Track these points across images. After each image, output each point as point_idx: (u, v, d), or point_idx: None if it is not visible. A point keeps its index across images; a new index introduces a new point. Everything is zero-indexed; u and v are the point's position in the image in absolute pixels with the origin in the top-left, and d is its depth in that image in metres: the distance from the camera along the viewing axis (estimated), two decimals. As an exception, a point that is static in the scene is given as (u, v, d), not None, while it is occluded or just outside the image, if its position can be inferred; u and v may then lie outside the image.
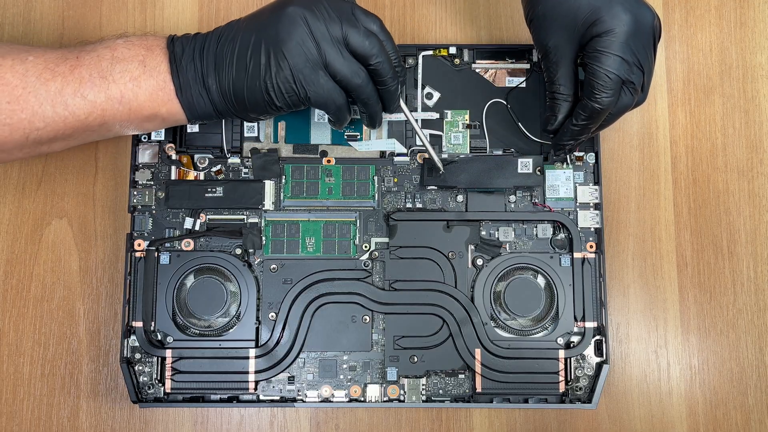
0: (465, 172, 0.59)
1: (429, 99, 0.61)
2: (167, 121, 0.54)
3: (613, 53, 0.51)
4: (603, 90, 0.52)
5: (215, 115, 0.54)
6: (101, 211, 0.62)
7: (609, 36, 0.51)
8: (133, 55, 0.52)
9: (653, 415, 0.61)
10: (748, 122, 0.64)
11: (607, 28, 0.51)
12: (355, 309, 0.58)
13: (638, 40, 0.51)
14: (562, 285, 0.58)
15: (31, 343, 0.61)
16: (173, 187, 0.59)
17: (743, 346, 0.62)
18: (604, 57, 0.51)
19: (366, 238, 0.59)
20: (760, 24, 0.66)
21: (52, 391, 0.60)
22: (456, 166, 0.59)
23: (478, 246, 0.59)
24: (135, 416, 0.60)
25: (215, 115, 0.54)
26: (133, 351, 0.58)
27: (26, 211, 0.62)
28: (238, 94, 0.52)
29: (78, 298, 0.61)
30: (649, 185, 0.64)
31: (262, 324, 0.58)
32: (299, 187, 0.60)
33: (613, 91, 0.52)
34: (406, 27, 0.65)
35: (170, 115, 0.53)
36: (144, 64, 0.52)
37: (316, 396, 0.58)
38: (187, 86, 0.52)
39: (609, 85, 0.51)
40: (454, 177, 0.59)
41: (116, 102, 0.52)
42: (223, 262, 0.58)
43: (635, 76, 0.52)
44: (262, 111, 0.53)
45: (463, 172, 0.59)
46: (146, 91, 0.52)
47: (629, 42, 0.51)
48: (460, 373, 0.58)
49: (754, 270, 0.62)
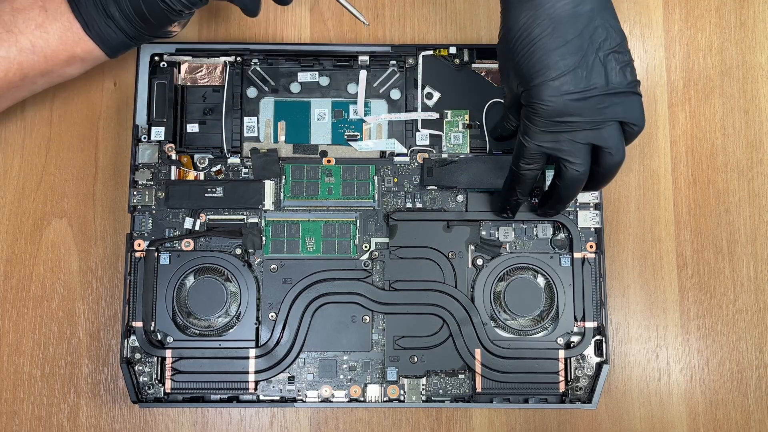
0: (465, 172, 0.59)
1: (429, 99, 0.61)
2: (87, 60, 0.55)
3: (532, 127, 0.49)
4: (522, 159, 0.50)
5: (130, 41, 0.54)
6: (101, 211, 0.62)
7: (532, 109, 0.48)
8: (31, 2, 0.52)
9: (653, 415, 0.61)
10: (748, 122, 0.64)
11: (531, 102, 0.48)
12: (355, 309, 0.58)
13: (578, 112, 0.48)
14: (562, 285, 0.58)
15: (31, 343, 0.61)
16: (173, 187, 0.59)
17: (743, 346, 0.62)
18: (525, 127, 0.49)
19: (366, 238, 0.59)
20: (760, 24, 0.66)
21: (52, 391, 0.60)
22: (456, 166, 0.59)
23: (478, 246, 0.59)
24: (135, 416, 0.60)
25: (130, 41, 0.54)
26: (133, 351, 0.57)
27: (26, 211, 0.62)
28: (138, 12, 0.52)
29: (78, 298, 0.61)
30: (649, 185, 0.64)
31: (262, 324, 0.58)
32: (299, 187, 0.60)
33: (533, 162, 0.50)
34: (406, 27, 0.65)
35: (87, 54, 0.54)
36: (45, 8, 0.52)
37: (316, 396, 0.58)
38: (92, 21, 0.52)
39: (527, 155, 0.50)
40: (454, 177, 0.59)
41: (29, 53, 0.52)
42: (223, 262, 0.58)
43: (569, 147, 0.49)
44: (167, 20, 0.53)
45: (463, 172, 0.59)
46: (55, 36, 0.52)
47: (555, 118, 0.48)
48: (460, 373, 0.58)
49: (754, 270, 0.62)
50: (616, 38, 0.48)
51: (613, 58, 0.48)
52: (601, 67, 0.48)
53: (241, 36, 0.65)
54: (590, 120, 0.48)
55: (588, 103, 0.47)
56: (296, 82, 0.61)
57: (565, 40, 0.47)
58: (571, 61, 0.47)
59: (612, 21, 0.49)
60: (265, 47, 0.61)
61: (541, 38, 0.47)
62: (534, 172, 0.51)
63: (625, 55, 0.49)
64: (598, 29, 0.48)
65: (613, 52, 0.48)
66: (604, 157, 0.50)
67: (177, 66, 0.60)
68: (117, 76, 0.64)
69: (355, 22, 0.65)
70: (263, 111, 0.61)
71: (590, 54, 0.47)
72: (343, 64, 0.61)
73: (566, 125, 0.48)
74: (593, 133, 0.49)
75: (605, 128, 0.49)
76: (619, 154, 0.50)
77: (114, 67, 0.64)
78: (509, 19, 0.49)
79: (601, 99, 0.48)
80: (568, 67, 0.47)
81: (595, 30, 0.48)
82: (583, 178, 0.51)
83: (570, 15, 0.47)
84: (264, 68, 0.61)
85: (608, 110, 0.48)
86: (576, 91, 0.47)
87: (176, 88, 0.60)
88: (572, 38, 0.47)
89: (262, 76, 0.61)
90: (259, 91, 0.61)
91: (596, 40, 0.48)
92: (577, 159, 0.49)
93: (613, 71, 0.48)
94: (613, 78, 0.48)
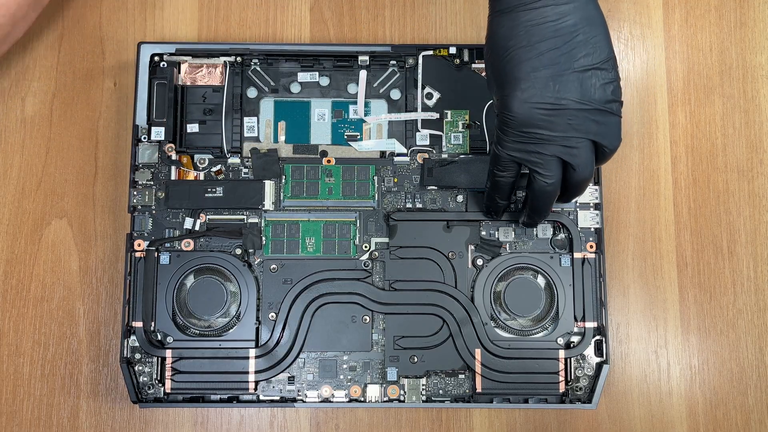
0: (465, 173, 0.59)
1: (429, 99, 0.61)
2: None
3: (503, 135, 0.48)
4: (495, 166, 0.50)
5: None
6: (101, 211, 0.62)
7: (502, 118, 0.48)
8: None
9: (653, 415, 0.61)
10: (748, 122, 0.64)
11: (501, 111, 0.48)
12: (355, 309, 0.58)
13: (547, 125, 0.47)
14: (562, 285, 0.58)
15: (31, 343, 0.61)
16: (173, 187, 0.59)
17: (743, 346, 0.62)
18: (498, 135, 0.49)
19: (366, 238, 0.59)
20: (760, 24, 0.66)
21: (52, 392, 0.60)
22: (456, 166, 0.59)
23: (478, 246, 0.59)
24: (135, 416, 0.60)
25: None
26: (133, 351, 0.57)
27: (26, 211, 0.62)
28: None
29: (78, 299, 0.61)
30: (649, 185, 0.64)
31: (262, 324, 0.58)
32: (299, 187, 0.60)
33: (506, 170, 0.50)
34: (406, 27, 0.65)
35: None
36: None
37: (316, 396, 0.58)
38: None
39: (500, 163, 0.50)
40: (454, 177, 0.59)
41: None
42: (223, 262, 0.58)
43: (537, 158, 0.48)
44: None
45: (463, 172, 0.59)
46: None
47: (523, 130, 0.47)
48: (460, 373, 0.58)
49: (754, 270, 0.62)
50: (600, 55, 0.47)
51: (593, 74, 0.47)
52: (577, 83, 0.47)
53: (241, 36, 0.65)
54: (560, 135, 0.47)
55: (558, 117, 0.47)
56: (296, 82, 0.61)
57: (540, 52, 0.47)
58: (543, 73, 0.46)
59: (599, 37, 0.47)
60: (265, 47, 0.61)
61: (515, 49, 0.47)
62: (508, 179, 0.51)
63: (609, 73, 0.47)
64: (579, 45, 0.47)
65: (594, 69, 0.47)
66: (571, 174, 0.49)
67: (177, 66, 0.60)
68: (117, 76, 0.64)
69: (356, 22, 0.65)
70: (263, 111, 0.61)
71: (566, 68, 0.47)
72: (343, 64, 0.61)
73: (534, 137, 0.48)
74: (562, 148, 0.48)
75: (575, 145, 0.48)
76: (586, 171, 0.49)
77: (114, 67, 0.64)
78: (490, 29, 0.49)
79: (573, 114, 0.47)
80: (538, 79, 0.46)
81: (576, 45, 0.47)
82: (552, 190, 0.50)
83: (549, 29, 0.47)
84: (264, 68, 0.61)
85: (580, 127, 0.47)
86: (544, 102, 0.46)
87: (176, 88, 0.60)
88: (547, 51, 0.47)
89: (262, 76, 0.61)
90: (259, 91, 0.61)
91: (575, 56, 0.47)
92: (547, 171, 0.49)
93: (592, 87, 0.47)
94: (590, 94, 0.47)
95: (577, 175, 0.49)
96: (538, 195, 0.51)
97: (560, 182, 0.50)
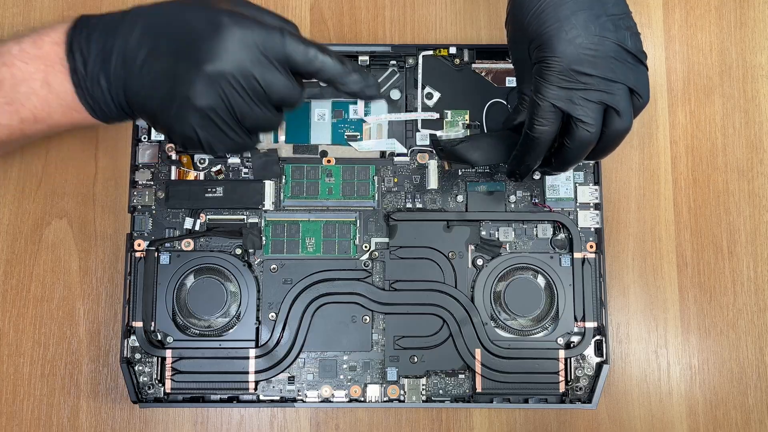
0: (477, 149, 0.56)
1: (429, 99, 0.61)
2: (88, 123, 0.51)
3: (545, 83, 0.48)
4: (535, 119, 0.49)
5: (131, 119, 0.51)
6: (101, 211, 0.62)
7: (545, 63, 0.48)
8: (32, 71, 0.48)
9: (653, 415, 0.61)
10: (748, 122, 0.64)
11: (544, 55, 0.48)
12: (355, 309, 0.58)
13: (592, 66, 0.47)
14: (562, 285, 0.58)
15: (31, 343, 0.60)
16: (173, 187, 0.59)
17: (743, 346, 0.62)
18: (538, 84, 0.48)
19: (366, 238, 0.59)
20: (760, 24, 0.65)
21: (52, 392, 0.60)
22: (465, 146, 0.56)
23: (478, 246, 0.59)
24: (135, 416, 0.60)
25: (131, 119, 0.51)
26: (133, 351, 0.57)
27: (26, 211, 0.62)
28: None
29: (78, 299, 0.61)
30: (649, 185, 0.64)
31: (262, 324, 0.58)
32: (299, 187, 0.60)
33: (547, 121, 0.49)
34: (406, 27, 0.65)
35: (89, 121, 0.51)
36: (47, 83, 0.48)
37: (316, 396, 0.58)
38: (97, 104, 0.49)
39: (541, 114, 0.49)
40: (467, 155, 0.56)
41: (31, 122, 0.50)
42: (223, 262, 0.58)
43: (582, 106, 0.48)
44: None
45: (474, 149, 0.56)
46: (58, 111, 0.49)
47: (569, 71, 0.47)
48: (460, 373, 0.58)
49: (754, 270, 0.62)
50: (624, 7, 0.49)
51: (622, 23, 0.48)
52: (613, 27, 0.48)
53: None
54: (603, 77, 0.48)
55: (601, 59, 0.48)
56: None
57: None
58: (582, 16, 0.47)
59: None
60: None
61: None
62: (548, 134, 0.50)
63: (633, 25, 0.49)
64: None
65: (621, 17, 0.48)
66: (614, 121, 0.49)
67: None
68: None
69: (356, 22, 0.65)
70: None
71: (601, 12, 0.48)
72: None
73: (579, 80, 0.48)
74: (606, 94, 0.48)
75: (617, 90, 0.48)
76: (628, 119, 0.50)
77: None
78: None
79: (612, 58, 0.48)
80: (579, 21, 0.47)
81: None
82: (593, 139, 0.50)
83: None
84: None
85: (620, 72, 0.48)
86: (589, 42, 0.47)
87: None
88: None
89: None
90: None
91: (604, 3, 0.48)
92: (589, 119, 0.49)
93: (624, 34, 0.48)
94: (624, 39, 0.48)
95: (621, 123, 0.49)
96: (578, 144, 0.50)
97: (599, 132, 0.50)
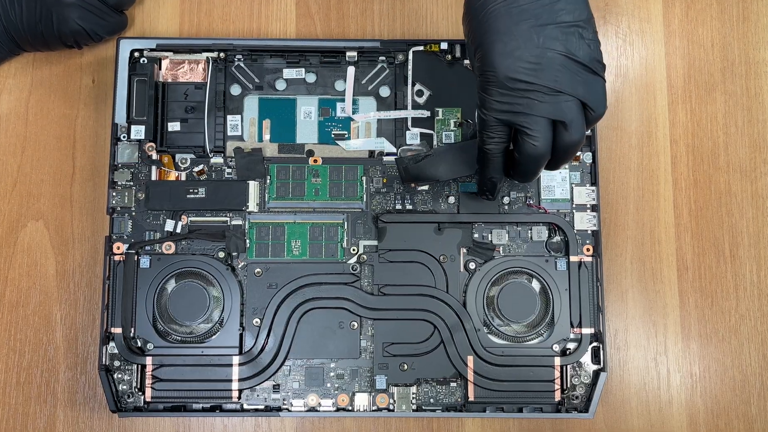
0: (443, 163, 0.55)
1: (420, 96, 0.61)
2: None
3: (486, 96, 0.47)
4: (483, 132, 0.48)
5: None
6: (79, 213, 0.62)
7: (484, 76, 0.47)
8: None
9: (653, 424, 0.60)
10: (751, 120, 0.64)
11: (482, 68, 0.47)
12: (343, 315, 0.58)
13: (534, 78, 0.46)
14: (558, 290, 0.58)
15: (6, 350, 0.60)
16: (153, 187, 0.59)
17: (746, 353, 0.61)
18: (481, 97, 0.48)
19: (354, 241, 0.59)
20: (763, 18, 0.65)
21: (28, 400, 0.60)
22: (431, 159, 0.55)
23: (470, 249, 0.59)
24: (114, 426, 0.60)
25: None
26: (112, 358, 0.57)
27: (1, 212, 0.61)
28: None
29: (55, 304, 0.61)
30: (649, 186, 0.63)
31: (246, 330, 0.58)
32: (284, 188, 0.59)
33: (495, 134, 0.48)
34: (396, 22, 0.65)
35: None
36: None
37: (302, 405, 0.57)
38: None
39: (486, 128, 0.48)
40: (432, 170, 0.55)
41: None
42: (206, 265, 0.58)
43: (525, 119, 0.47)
44: None
45: (440, 163, 0.55)
46: None
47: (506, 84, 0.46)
48: (452, 382, 0.58)
49: (757, 274, 0.62)
50: (581, 15, 0.47)
51: (576, 31, 0.47)
52: (562, 36, 0.46)
53: (224, 31, 0.65)
54: (547, 92, 0.46)
55: (544, 71, 0.46)
56: (282, 79, 0.61)
57: (519, 6, 0.46)
58: (525, 25, 0.46)
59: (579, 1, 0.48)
60: (250, 43, 0.61)
61: (495, 4, 0.47)
62: (498, 148, 0.49)
63: (590, 33, 0.47)
64: (559, 1, 0.47)
65: (575, 26, 0.47)
66: (562, 135, 0.48)
67: (158, 62, 0.61)
68: (95, 72, 0.64)
69: (343, 16, 0.65)
70: (247, 109, 0.61)
71: (549, 21, 0.46)
72: (331, 61, 0.61)
73: (520, 92, 0.46)
74: (551, 106, 0.47)
75: (564, 102, 0.47)
76: (578, 132, 0.48)
77: (92, 63, 0.64)
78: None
79: (559, 69, 0.46)
80: (520, 31, 0.46)
81: (556, 2, 0.47)
82: (542, 152, 0.48)
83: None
84: (248, 64, 0.61)
85: (567, 84, 0.46)
86: (528, 54, 0.46)
87: (157, 85, 0.60)
88: (527, 4, 0.46)
89: (246, 72, 0.61)
90: (243, 88, 0.61)
91: (556, 11, 0.47)
92: (535, 132, 0.47)
93: (575, 44, 0.47)
94: (575, 49, 0.46)
95: (569, 136, 0.48)
96: (526, 158, 0.49)
97: (550, 145, 0.48)
